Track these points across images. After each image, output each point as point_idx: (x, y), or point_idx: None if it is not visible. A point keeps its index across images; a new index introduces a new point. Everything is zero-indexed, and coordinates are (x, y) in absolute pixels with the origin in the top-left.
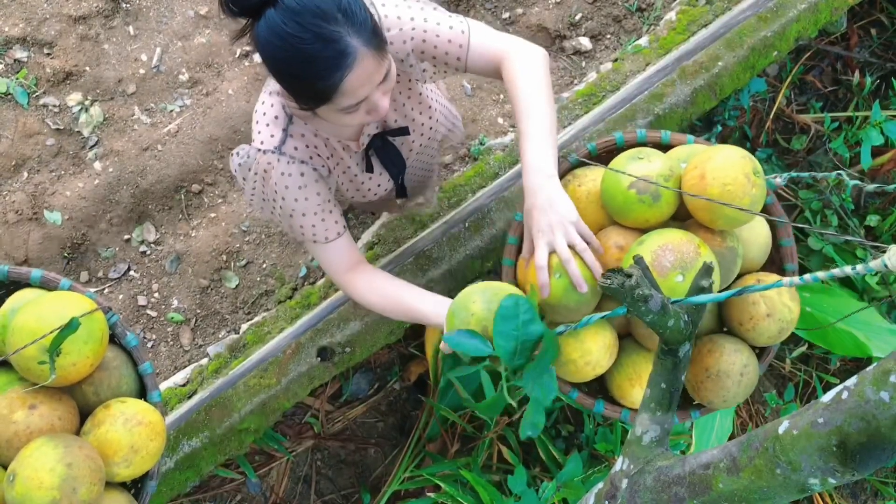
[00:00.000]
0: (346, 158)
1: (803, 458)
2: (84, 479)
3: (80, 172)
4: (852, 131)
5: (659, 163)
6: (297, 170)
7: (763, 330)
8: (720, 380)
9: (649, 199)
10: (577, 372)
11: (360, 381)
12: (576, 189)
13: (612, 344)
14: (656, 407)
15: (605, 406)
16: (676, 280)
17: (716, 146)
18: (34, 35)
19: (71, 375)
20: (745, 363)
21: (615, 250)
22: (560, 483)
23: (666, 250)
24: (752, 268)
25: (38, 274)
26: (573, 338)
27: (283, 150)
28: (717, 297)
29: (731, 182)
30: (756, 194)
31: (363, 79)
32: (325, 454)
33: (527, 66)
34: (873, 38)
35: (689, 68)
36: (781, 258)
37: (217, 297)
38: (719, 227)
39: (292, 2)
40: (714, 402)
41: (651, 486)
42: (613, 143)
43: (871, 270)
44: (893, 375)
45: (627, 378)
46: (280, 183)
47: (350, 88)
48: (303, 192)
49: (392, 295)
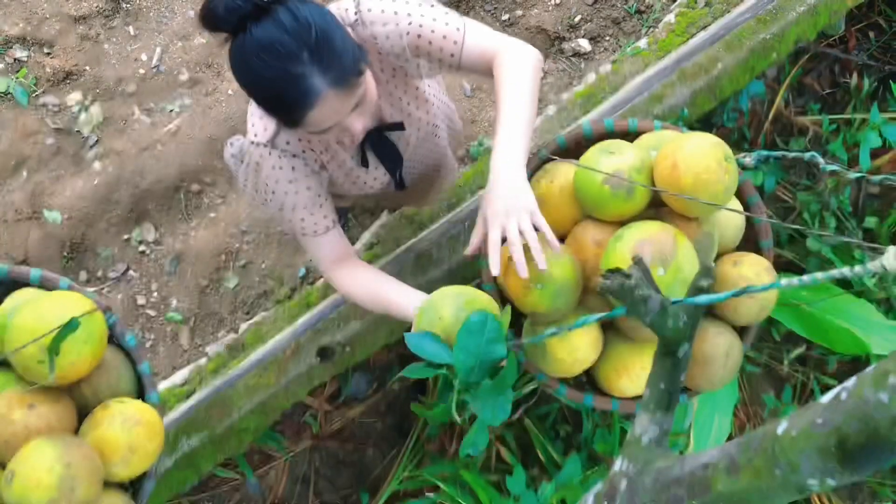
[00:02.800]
0: (341, 152)
1: (802, 459)
2: (82, 479)
3: (79, 172)
4: (851, 133)
5: (630, 155)
6: (289, 164)
7: (744, 310)
8: (706, 363)
9: (623, 193)
10: (565, 369)
11: (360, 381)
12: (549, 185)
13: (598, 338)
14: (655, 407)
15: (594, 399)
16: (658, 274)
17: (685, 133)
18: (34, 34)
19: (70, 375)
20: (729, 344)
21: (593, 246)
22: (559, 484)
23: (644, 244)
24: (729, 247)
25: (38, 273)
26: (560, 337)
27: (276, 143)
28: (717, 298)
29: (704, 170)
30: (728, 180)
31: (327, 114)
32: (324, 454)
33: (516, 62)
34: (871, 40)
35: (689, 70)
36: (756, 235)
37: (216, 297)
38: (695, 214)
39: (261, 33)
40: (702, 385)
41: (650, 486)
42: (581, 133)
43: (870, 272)
44: (893, 377)
45: (614, 369)
46: (271, 176)
47: (314, 122)
48: (293, 185)
49: (373, 288)
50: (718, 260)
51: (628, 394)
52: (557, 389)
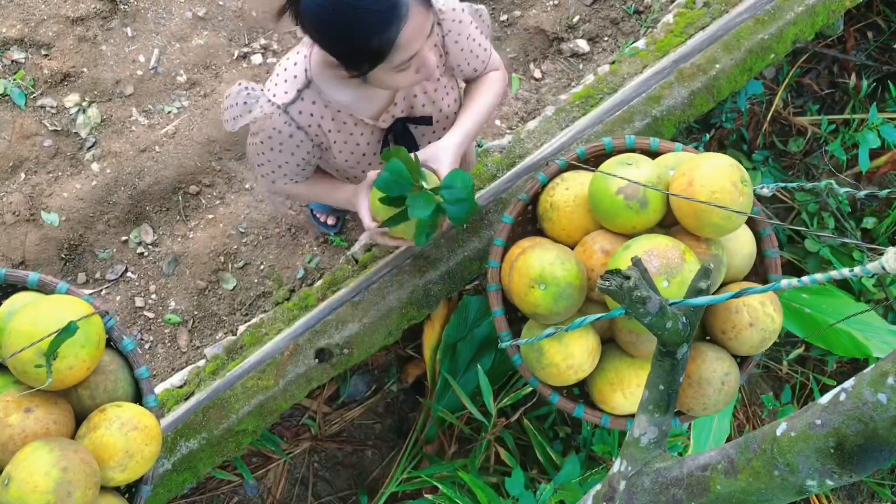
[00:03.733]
0: (357, 135)
1: (801, 460)
2: (79, 484)
3: (77, 174)
4: (849, 134)
5: (647, 169)
6: (288, 132)
7: (745, 339)
8: (701, 387)
9: (636, 205)
10: (558, 375)
11: (358, 382)
12: (563, 192)
13: (595, 348)
14: (654, 409)
15: (585, 411)
16: (662, 286)
17: (704, 154)
18: (32, 36)
19: (67, 379)
20: (726, 371)
21: (601, 254)
22: (557, 485)
23: (652, 255)
24: (736, 277)
25: (36, 277)
26: (557, 341)
27: (289, 110)
28: (715, 300)
29: (719, 190)
30: (743, 203)
31: (417, 30)
32: (323, 456)
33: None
34: (870, 40)
35: (687, 71)
36: (766, 268)
37: (214, 298)
38: (706, 234)
39: None
40: (694, 409)
41: (649, 487)
42: (602, 148)
43: (869, 273)
44: (891, 377)
45: (609, 383)
46: (267, 132)
47: (406, 41)
48: (279, 149)
49: (311, 183)
50: (725, 287)
51: (620, 410)
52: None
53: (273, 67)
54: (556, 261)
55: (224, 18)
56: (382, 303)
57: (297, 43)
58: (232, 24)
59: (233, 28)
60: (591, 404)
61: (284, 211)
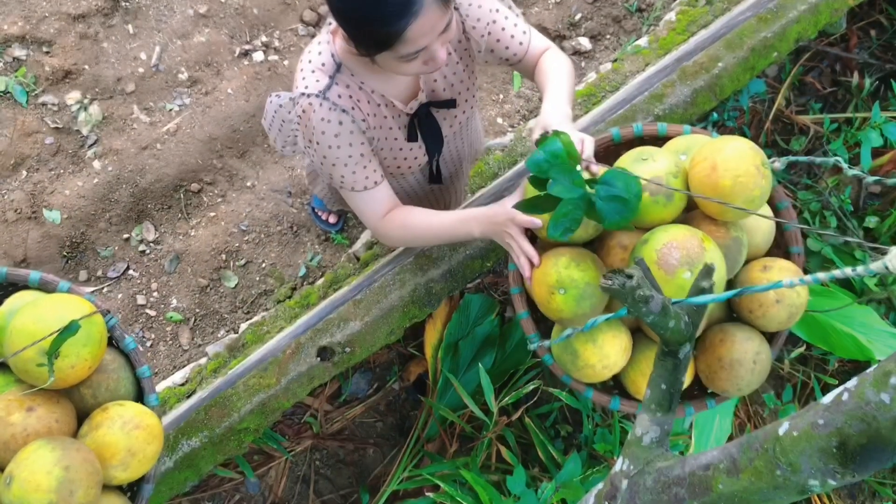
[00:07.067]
0: (390, 119)
1: (803, 460)
2: (81, 482)
3: (79, 171)
4: (851, 132)
5: (664, 161)
6: (336, 118)
7: (773, 316)
8: (733, 368)
9: (663, 199)
10: (594, 375)
11: (360, 381)
12: None
13: (628, 345)
14: (656, 408)
15: (620, 402)
16: (685, 277)
17: (723, 137)
18: (33, 33)
19: (69, 378)
20: (757, 350)
21: (619, 250)
22: (559, 483)
23: (672, 248)
24: (758, 253)
25: (37, 276)
26: (592, 343)
27: (328, 95)
28: (717, 298)
29: (743, 174)
30: (765, 185)
31: (426, 28)
32: (324, 454)
33: (561, 60)
34: (873, 39)
35: (689, 69)
36: (786, 241)
37: (216, 296)
38: (728, 219)
39: None
40: (729, 390)
41: (651, 486)
42: (610, 139)
43: (872, 272)
44: (894, 377)
45: (641, 373)
46: (318, 128)
47: (412, 37)
48: (338, 140)
49: (419, 225)
50: (748, 265)
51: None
52: (584, 392)
53: (275, 65)
54: (571, 263)
55: (225, 16)
56: (384, 301)
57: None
58: (233, 21)
59: (234, 25)
60: (625, 395)
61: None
